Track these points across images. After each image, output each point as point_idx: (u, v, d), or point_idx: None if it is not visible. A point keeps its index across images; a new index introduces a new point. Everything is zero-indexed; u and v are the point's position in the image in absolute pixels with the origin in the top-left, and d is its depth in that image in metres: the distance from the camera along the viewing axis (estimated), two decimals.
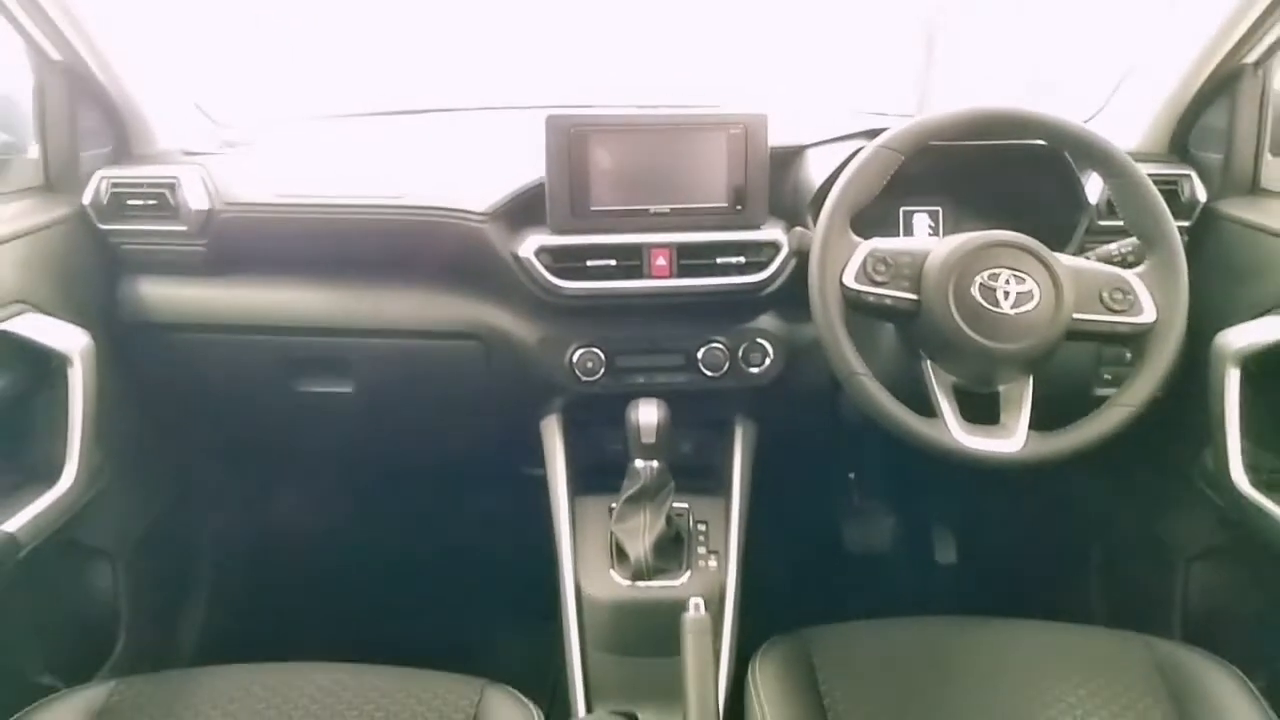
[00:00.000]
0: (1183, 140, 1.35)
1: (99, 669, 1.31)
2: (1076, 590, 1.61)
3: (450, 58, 1.74)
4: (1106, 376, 1.28)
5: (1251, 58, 1.25)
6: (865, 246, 1.04)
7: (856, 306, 1.04)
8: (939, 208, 1.33)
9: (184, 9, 1.46)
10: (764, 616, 1.18)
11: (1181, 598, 1.35)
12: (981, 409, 1.04)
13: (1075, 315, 1.01)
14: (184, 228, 1.24)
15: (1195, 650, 1.06)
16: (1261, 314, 1.16)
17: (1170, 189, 1.28)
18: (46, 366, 1.13)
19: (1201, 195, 1.29)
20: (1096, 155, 1.07)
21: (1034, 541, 1.72)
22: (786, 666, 1.04)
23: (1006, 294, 1.01)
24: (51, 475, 1.11)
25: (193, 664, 1.08)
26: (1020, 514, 1.72)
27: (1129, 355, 1.07)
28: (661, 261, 1.19)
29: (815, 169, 1.22)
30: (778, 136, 1.21)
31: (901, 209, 1.32)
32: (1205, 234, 1.29)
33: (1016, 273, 1.01)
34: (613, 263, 1.19)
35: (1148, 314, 1.03)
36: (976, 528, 1.81)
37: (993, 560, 1.76)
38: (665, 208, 1.20)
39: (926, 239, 1.28)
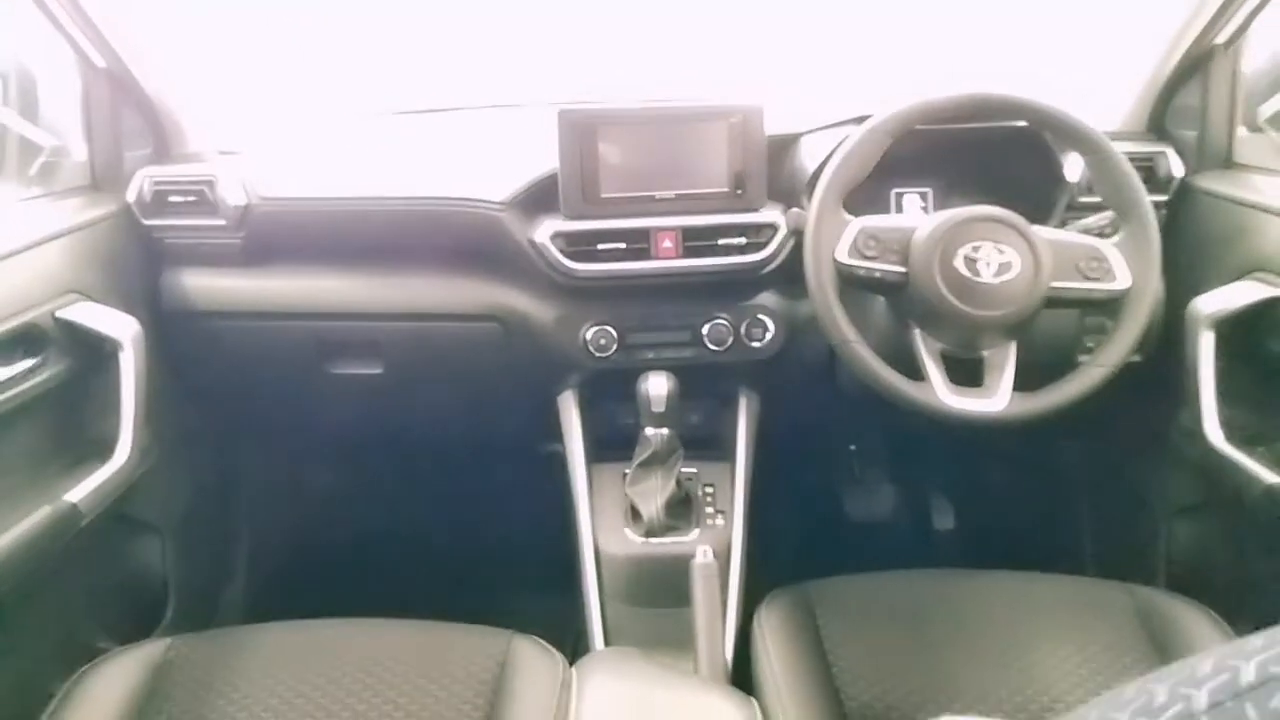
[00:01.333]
0: (1160, 119, 1.39)
1: (149, 634, 1.38)
2: (1066, 550, 1.66)
3: (463, 60, 1.81)
4: (1089, 345, 1.31)
5: (1221, 38, 1.29)
6: (856, 224, 1.10)
7: (849, 280, 1.10)
8: (929, 189, 1.38)
9: (211, 14, 1.54)
10: (769, 575, 1.23)
11: (1165, 552, 1.40)
12: (967, 374, 1.10)
13: (1053, 283, 1.07)
14: (222, 222, 1.31)
15: (1174, 596, 1.11)
16: (1234, 280, 1.20)
17: (1148, 165, 1.32)
18: (99, 351, 1.20)
19: (1178, 171, 1.33)
20: (1073, 134, 1.12)
21: (1025, 505, 1.77)
22: (790, 615, 1.10)
23: (988, 264, 1.06)
24: (105, 453, 1.18)
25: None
26: (1012, 480, 1.77)
27: (1110, 325, 1.11)
28: (668, 244, 1.26)
29: (809, 154, 1.28)
30: (774, 125, 1.27)
31: (893, 191, 1.38)
32: (1182, 207, 1.34)
33: (997, 245, 1.07)
34: (622, 246, 1.25)
35: (1122, 281, 1.08)
36: (971, 494, 1.86)
37: (987, 525, 1.81)
38: (670, 193, 1.26)
39: (913, 216, 1.33)
